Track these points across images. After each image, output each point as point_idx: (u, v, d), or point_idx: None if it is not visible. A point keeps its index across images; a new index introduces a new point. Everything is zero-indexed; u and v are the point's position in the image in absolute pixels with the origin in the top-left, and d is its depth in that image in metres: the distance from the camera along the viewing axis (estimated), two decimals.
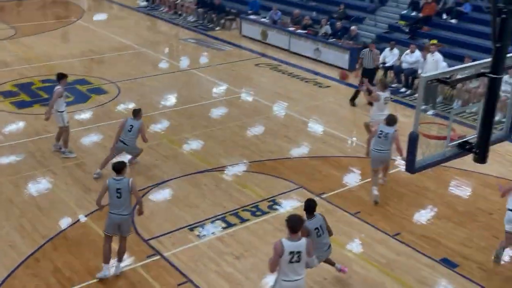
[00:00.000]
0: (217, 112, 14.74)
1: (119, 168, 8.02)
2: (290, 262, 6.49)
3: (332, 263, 8.20)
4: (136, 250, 8.87)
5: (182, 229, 9.48)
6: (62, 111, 11.55)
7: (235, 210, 10.09)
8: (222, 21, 23.46)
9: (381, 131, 10.13)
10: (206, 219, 9.79)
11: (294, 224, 6.50)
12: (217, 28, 23.25)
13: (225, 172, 11.53)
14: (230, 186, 10.96)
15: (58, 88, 11.42)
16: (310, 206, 7.63)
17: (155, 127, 13.52)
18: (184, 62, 19.32)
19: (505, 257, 9.09)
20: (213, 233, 9.43)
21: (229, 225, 9.67)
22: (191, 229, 9.51)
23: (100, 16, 26.08)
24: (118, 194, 7.90)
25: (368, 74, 15.15)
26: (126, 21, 24.48)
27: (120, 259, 8.35)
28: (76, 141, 12.62)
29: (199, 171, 11.47)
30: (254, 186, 10.96)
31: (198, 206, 10.20)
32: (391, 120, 10.21)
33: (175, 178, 11.14)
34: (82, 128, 13.33)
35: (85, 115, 14.14)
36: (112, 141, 11.15)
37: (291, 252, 6.47)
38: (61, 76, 11.59)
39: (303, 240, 6.52)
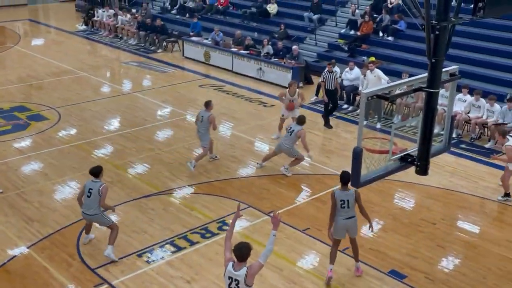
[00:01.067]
0: (163, 135, 14.60)
1: (95, 172, 8.93)
2: (229, 286, 6.36)
3: (356, 258, 8.88)
4: (82, 280, 8.59)
5: (130, 256, 9.26)
6: None
7: (184, 233, 9.95)
8: (164, 43, 23.39)
9: (290, 127, 12.21)
10: (155, 244, 9.61)
11: (239, 253, 6.30)
12: (159, 51, 23.14)
13: (172, 195, 11.39)
14: (178, 209, 10.82)
15: None
16: (342, 178, 8.37)
17: (98, 153, 13.24)
18: (127, 85, 19.07)
19: (450, 266, 9.35)
20: (162, 258, 9.26)
21: (179, 248, 9.52)
22: (140, 255, 9.30)
23: (37, 41, 25.48)
24: (89, 194, 8.83)
25: (332, 95, 15.26)
26: (65, 46, 24.00)
27: (109, 242, 9.08)
28: (16, 170, 12.19)
29: (146, 195, 11.28)
30: (203, 208, 10.86)
31: (146, 231, 10.00)
32: (300, 120, 12.15)
33: (121, 204, 10.90)
34: (22, 157, 12.89)
35: (25, 143, 13.69)
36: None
37: (230, 278, 6.34)
38: None
39: (243, 271, 6.29)
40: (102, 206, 8.96)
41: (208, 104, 12.34)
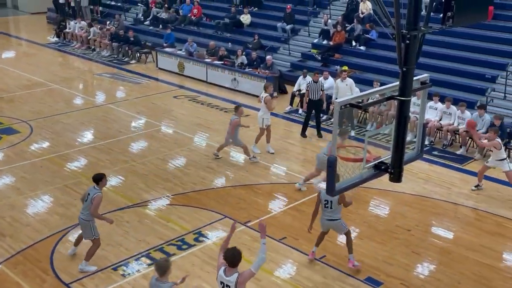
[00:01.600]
0: (137, 146, 14.49)
1: (95, 179, 8.97)
2: None
3: (349, 250, 9.25)
4: None
5: (105, 269, 9.13)
6: None
7: (159, 245, 9.87)
8: (137, 54, 23.27)
9: None
10: (130, 257, 9.50)
11: (230, 259, 6.45)
12: (133, 62, 23.02)
13: (147, 207, 11.30)
14: (153, 221, 10.73)
15: None
16: None
17: (72, 165, 13.08)
18: (100, 97, 18.91)
19: (425, 272, 9.45)
20: (138, 271, 9.16)
21: (155, 261, 9.41)
22: (115, 269, 9.19)
23: (8, 54, 25.13)
24: (86, 198, 8.93)
25: (315, 105, 15.08)
26: (36, 58, 23.71)
27: (85, 257, 9.06)
28: None
29: (121, 208, 11.16)
30: (179, 219, 10.79)
31: (121, 244, 9.89)
32: (340, 132, 11.78)
33: None
34: None
35: None
36: None
37: (222, 283, 6.50)
38: None
39: (234, 277, 6.42)
40: (92, 215, 8.86)
41: (236, 108, 13.23)
